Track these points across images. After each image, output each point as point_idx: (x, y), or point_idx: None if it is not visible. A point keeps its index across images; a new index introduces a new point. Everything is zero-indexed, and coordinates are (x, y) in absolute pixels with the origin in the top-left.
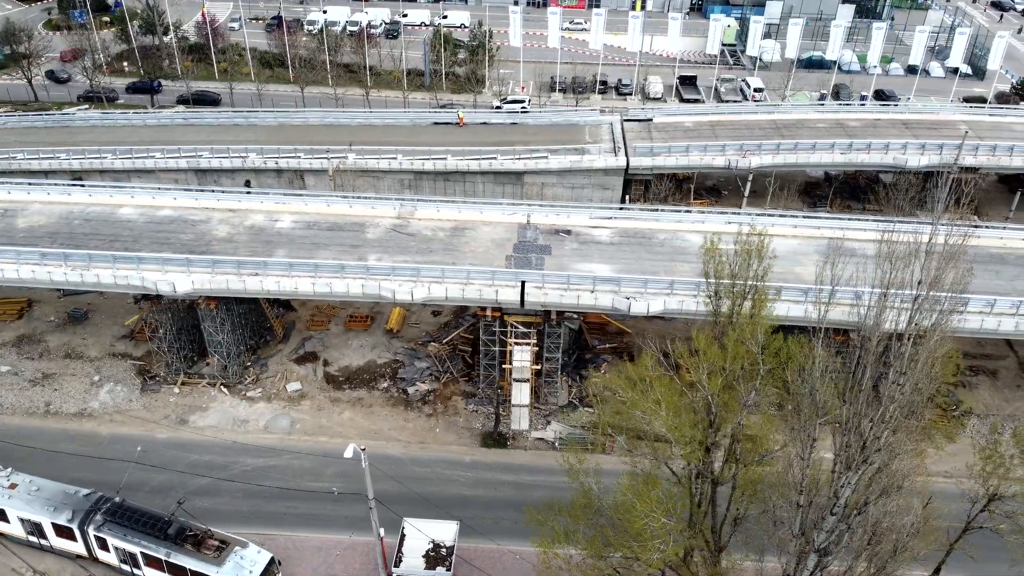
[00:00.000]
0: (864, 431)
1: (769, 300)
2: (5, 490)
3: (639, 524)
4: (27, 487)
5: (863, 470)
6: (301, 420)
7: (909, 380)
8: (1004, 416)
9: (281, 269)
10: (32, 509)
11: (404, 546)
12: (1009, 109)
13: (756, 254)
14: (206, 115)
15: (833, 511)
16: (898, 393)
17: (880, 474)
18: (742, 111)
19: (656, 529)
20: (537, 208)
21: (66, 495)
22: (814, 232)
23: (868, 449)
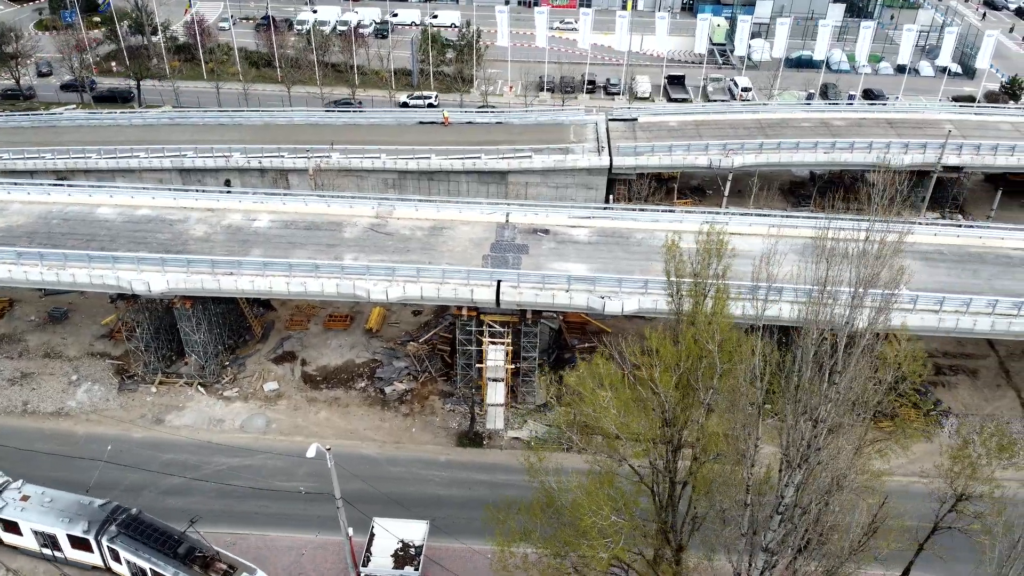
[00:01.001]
0: (804, 430)
1: (729, 299)
2: (17, 502)
3: (586, 522)
4: (40, 499)
5: (804, 469)
6: (277, 420)
7: (844, 379)
8: (983, 416)
9: (255, 268)
10: (47, 521)
11: (373, 546)
12: (995, 108)
13: (716, 253)
14: (191, 115)
15: (779, 510)
16: (833, 392)
17: (822, 474)
18: (727, 111)
19: (604, 527)
20: (516, 207)
21: (80, 506)
22: (792, 232)
23: (809, 448)
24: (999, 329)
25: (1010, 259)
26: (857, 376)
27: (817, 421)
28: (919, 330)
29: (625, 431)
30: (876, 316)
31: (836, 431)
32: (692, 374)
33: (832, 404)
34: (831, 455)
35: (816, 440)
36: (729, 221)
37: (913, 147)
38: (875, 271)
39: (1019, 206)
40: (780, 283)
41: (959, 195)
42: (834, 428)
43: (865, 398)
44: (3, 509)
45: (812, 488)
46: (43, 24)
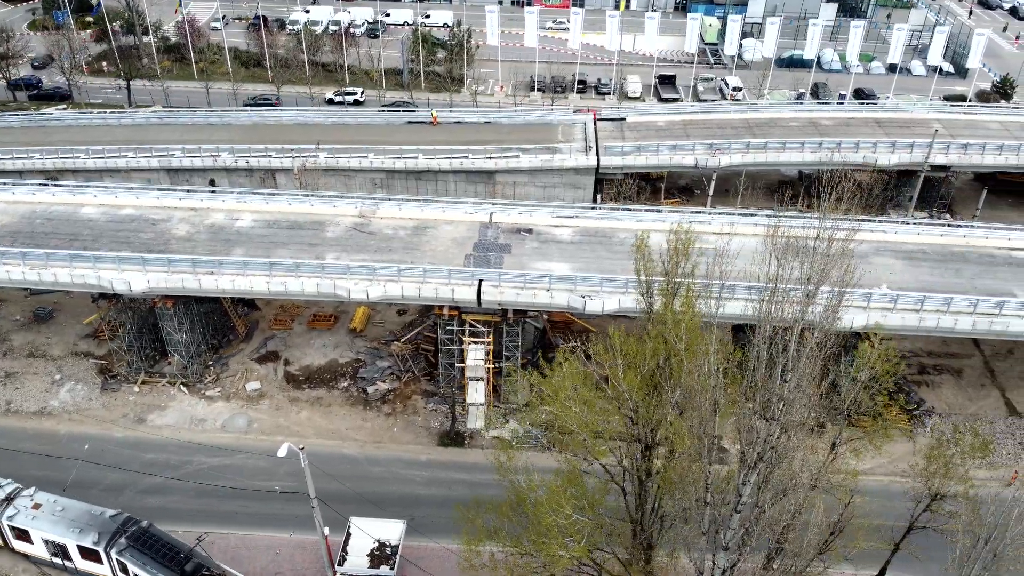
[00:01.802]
0: (758, 429)
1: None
2: (29, 510)
3: (547, 521)
4: (51, 507)
5: (759, 468)
6: (258, 419)
7: (794, 377)
8: (967, 415)
9: (236, 268)
10: (57, 531)
11: (349, 545)
12: (984, 108)
13: (683, 251)
14: (180, 115)
15: (737, 509)
16: (785, 391)
17: (777, 472)
18: (714, 110)
19: (566, 526)
20: (500, 207)
21: (91, 516)
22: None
23: (763, 447)
24: (980, 328)
25: (993, 258)
26: (805, 374)
27: (769, 419)
28: (900, 329)
29: (585, 428)
30: (826, 314)
31: (791, 430)
32: (660, 372)
33: (784, 402)
34: (785, 454)
35: (770, 439)
36: (712, 220)
37: (900, 146)
38: (825, 269)
39: (1007, 205)
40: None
41: (947, 195)
42: (788, 427)
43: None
44: (14, 517)
45: (770, 487)
46: (36, 24)
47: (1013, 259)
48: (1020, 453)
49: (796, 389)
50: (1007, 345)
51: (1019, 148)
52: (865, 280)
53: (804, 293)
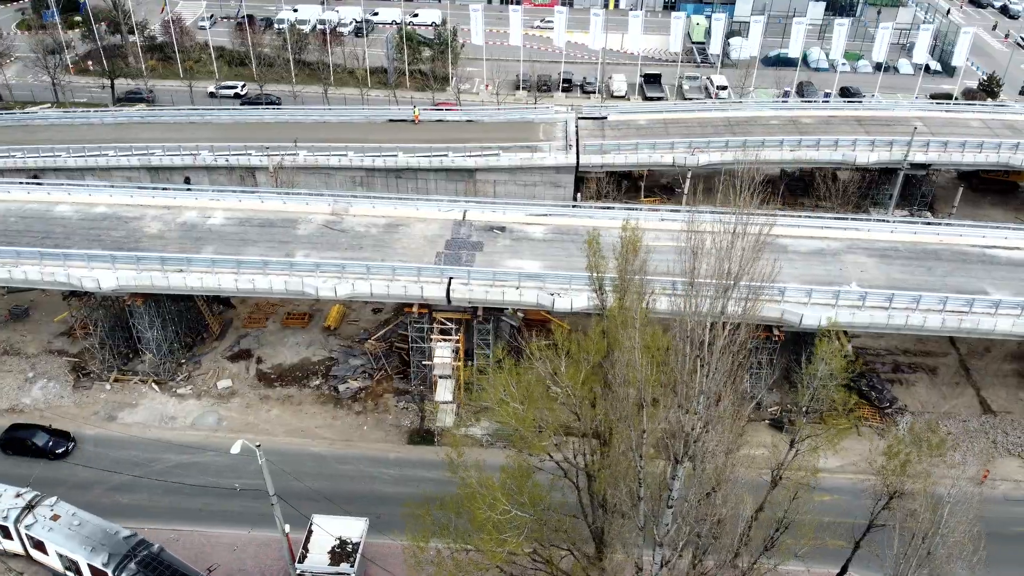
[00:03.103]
0: (684, 424)
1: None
2: (47, 520)
3: (480, 516)
4: (68, 520)
5: (684, 464)
6: (228, 417)
7: (716, 372)
8: (940, 413)
9: (204, 266)
10: (70, 546)
11: (310, 542)
12: (966, 105)
13: (631, 248)
14: (162, 113)
15: (668, 504)
16: (706, 385)
17: (702, 467)
18: (696, 109)
19: (501, 522)
20: (474, 205)
21: (106, 535)
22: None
23: (688, 442)
24: (950, 326)
25: (966, 256)
26: (721, 368)
27: (689, 412)
28: (869, 327)
29: (522, 424)
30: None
31: (716, 424)
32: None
33: (704, 396)
34: (710, 448)
35: (693, 433)
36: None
37: (879, 144)
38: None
39: (989, 204)
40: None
41: (927, 193)
42: (712, 421)
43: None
44: (32, 527)
45: (703, 482)
46: (25, 24)
47: (986, 257)
48: (992, 452)
49: (713, 383)
50: (983, 343)
51: (999, 146)
52: (835, 277)
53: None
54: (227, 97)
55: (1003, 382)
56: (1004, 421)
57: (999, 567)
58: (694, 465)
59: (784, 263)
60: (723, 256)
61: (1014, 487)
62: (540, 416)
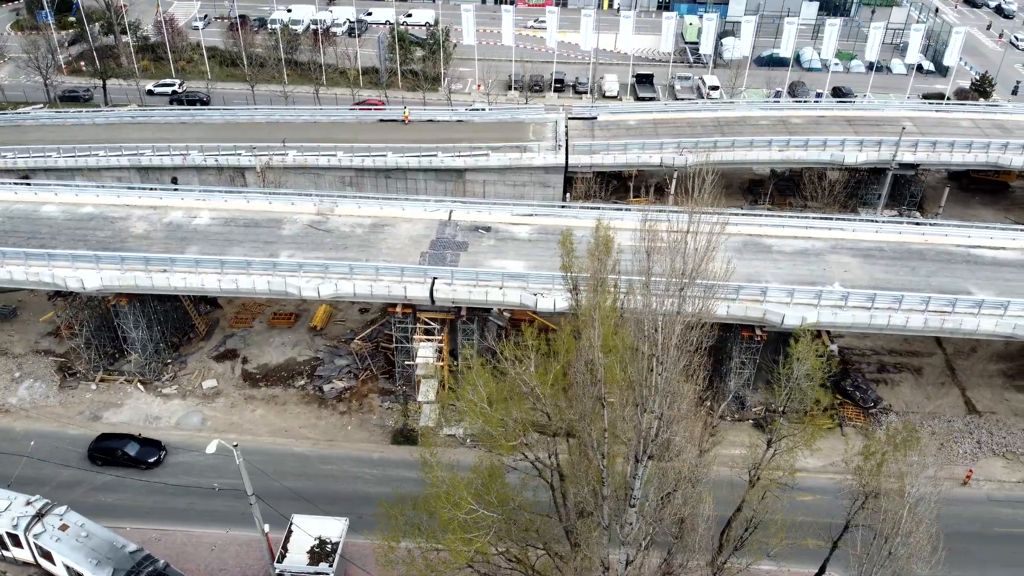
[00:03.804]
0: (643, 423)
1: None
2: (56, 530)
3: (445, 516)
4: (77, 531)
5: (644, 462)
6: (212, 417)
7: (667, 369)
8: (924, 413)
9: (188, 266)
10: (76, 558)
11: (290, 542)
12: (956, 105)
13: (604, 248)
14: (153, 113)
15: (630, 503)
16: (661, 384)
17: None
18: (686, 109)
19: (466, 521)
20: (460, 205)
21: (112, 548)
22: (731, 229)
23: (646, 442)
24: (932, 326)
25: (951, 256)
26: (675, 367)
27: (646, 411)
28: (851, 327)
29: (490, 423)
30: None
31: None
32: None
33: (660, 395)
34: (668, 447)
35: (650, 431)
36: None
37: (868, 144)
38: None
39: (979, 203)
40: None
41: (916, 192)
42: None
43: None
44: (40, 536)
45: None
46: (19, 24)
47: (971, 256)
48: (977, 452)
49: (668, 381)
50: (969, 343)
51: (988, 146)
52: (818, 277)
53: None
54: (164, 95)
55: (988, 382)
56: (989, 421)
57: (982, 567)
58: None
59: (768, 263)
60: (676, 255)
61: (998, 487)
62: (508, 416)
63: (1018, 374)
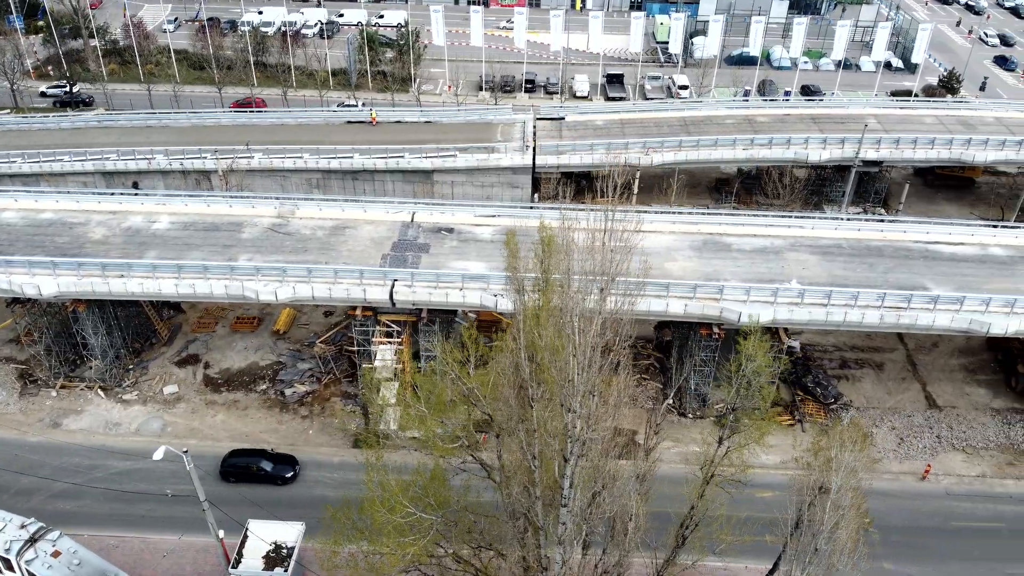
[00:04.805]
0: (570, 422)
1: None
2: (47, 557)
3: (378, 519)
4: (68, 558)
5: (573, 462)
6: (173, 423)
7: (591, 370)
8: (884, 409)
9: (144, 271)
10: None
11: (245, 547)
12: (920, 102)
13: (547, 248)
14: (119, 117)
15: (562, 503)
16: (580, 383)
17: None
18: (653, 109)
19: (402, 524)
20: (423, 206)
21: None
22: (691, 228)
23: (574, 440)
24: (888, 322)
25: (909, 252)
26: (594, 366)
27: (570, 411)
28: (808, 324)
29: (427, 427)
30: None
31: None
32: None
33: (582, 394)
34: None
35: (575, 430)
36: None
37: (831, 142)
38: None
39: (944, 199)
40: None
41: (881, 189)
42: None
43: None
44: (32, 562)
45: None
46: None
47: (929, 252)
48: (936, 446)
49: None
50: (931, 339)
51: (951, 142)
52: (777, 275)
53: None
54: (56, 97)
55: (949, 377)
56: (949, 416)
57: (940, 561)
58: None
59: (727, 262)
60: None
61: (957, 481)
62: (447, 418)
63: (979, 369)
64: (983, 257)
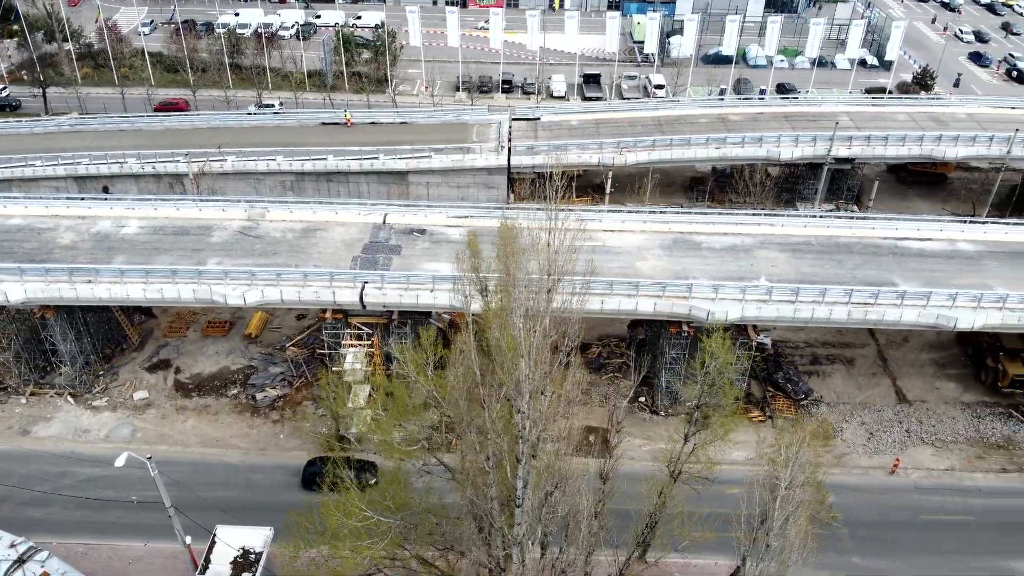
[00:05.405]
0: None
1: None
2: None
3: (333, 524)
4: None
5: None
6: (143, 429)
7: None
8: (855, 404)
9: (112, 276)
10: None
11: (213, 553)
12: (892, 99)
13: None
14: (92, 121)
15: (517, 503)
16: (527, 382)
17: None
18: (627, 108)
19: (357, 528)
20: (395, 208)
21: None
22: (662, 227)
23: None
24: (856, 318)
25: (878, 248)
26: (538, 366)
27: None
28: (776, 320)
29: (382, 431)
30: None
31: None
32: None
33: (529, 394)
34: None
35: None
36: (602, 218)
37: (803, 140)
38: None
39: (917, 195)
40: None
41: (853, 186)
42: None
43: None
44: None
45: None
46: None
47: (898, 249)
48: (905, 441)
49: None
50: (902, 334)
51: (922, 138)
52: (746, 273)
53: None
54: None
55: (919, 371)
56: (919, 410)
57: (909, 555)
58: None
59: (697, 260)
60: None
61: (925, 475)
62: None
63: (949, 363)
64: (951, 253)
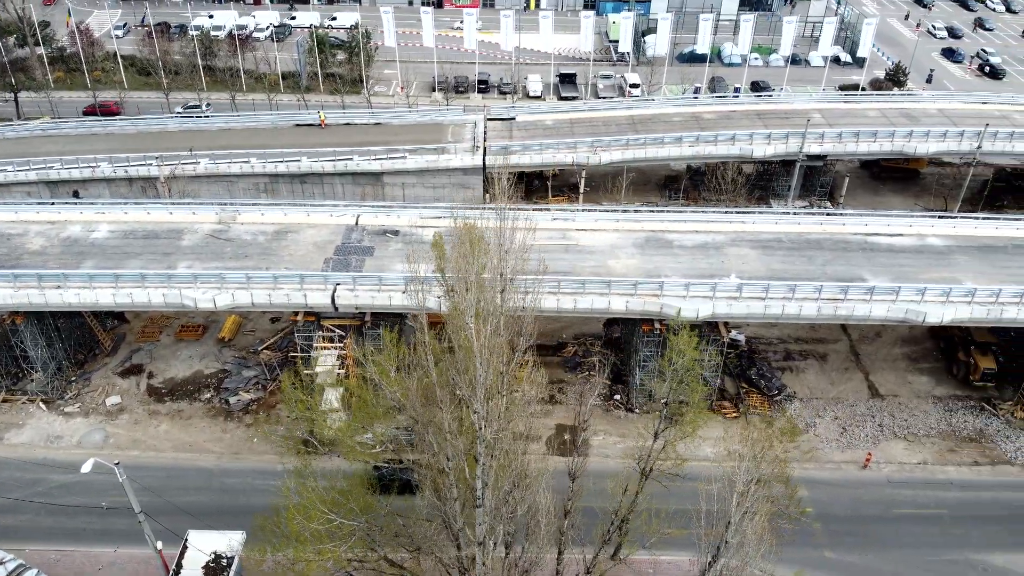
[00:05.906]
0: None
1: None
2: None
3: (294, 527)
4: None
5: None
6: (115, 434)
7: (485, 368)
8: (828, 399)
9: (81, 281)
10: None
11: (184, 558)
12: (864, 96)
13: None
14: (64, 126)
15: (477, 504)
16: (479, 382)
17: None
18: (602, 108)
19: (319, 531)
20: (367, 209)
21: None
22: (634, 226)
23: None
24: (826, 313)
25: (848, 244)
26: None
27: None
28: (747, 317)
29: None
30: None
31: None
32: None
33: (482, 394)
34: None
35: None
36: (576, 217)
37: (776, 137)
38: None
39: (890, 191)
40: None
41: (826, 183)
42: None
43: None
44: None
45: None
46: None
47: (868, 244)
48: (878, 435)
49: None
50: (874, 329)
51: (892, 134)
52: (717, 270)
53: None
54: None
55: (892, 366)
56: (891, 404)
57: (882, 549)
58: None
59: (668, 258)
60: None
61: (898, 469)
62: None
63: (921, 357)
64: (921, 248)
